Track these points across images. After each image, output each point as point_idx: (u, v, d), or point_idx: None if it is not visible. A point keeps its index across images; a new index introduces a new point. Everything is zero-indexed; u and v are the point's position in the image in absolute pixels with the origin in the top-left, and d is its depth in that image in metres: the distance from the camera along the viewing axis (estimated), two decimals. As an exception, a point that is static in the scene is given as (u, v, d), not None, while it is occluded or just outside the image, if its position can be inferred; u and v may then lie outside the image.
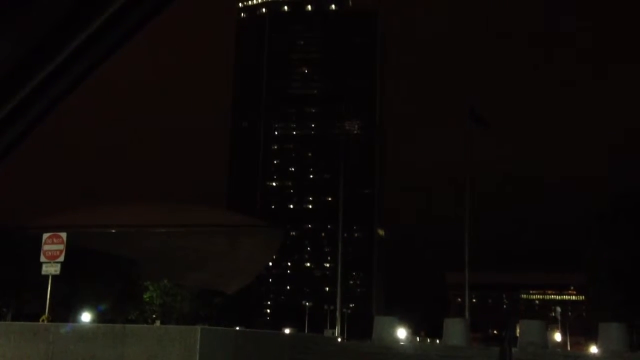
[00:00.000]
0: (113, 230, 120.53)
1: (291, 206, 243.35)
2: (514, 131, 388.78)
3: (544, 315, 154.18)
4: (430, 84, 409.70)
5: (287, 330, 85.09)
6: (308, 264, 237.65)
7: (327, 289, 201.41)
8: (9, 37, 2.12)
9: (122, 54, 2.58)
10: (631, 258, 61.14)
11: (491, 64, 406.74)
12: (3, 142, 2.42)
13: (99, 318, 69.18)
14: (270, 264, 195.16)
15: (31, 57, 2.21)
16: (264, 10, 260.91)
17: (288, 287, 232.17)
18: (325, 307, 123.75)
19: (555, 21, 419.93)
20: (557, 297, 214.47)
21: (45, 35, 2.17)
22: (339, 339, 49.68)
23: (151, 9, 2.38)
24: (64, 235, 28.31)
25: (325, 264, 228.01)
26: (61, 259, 27.39)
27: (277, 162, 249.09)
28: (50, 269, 27.50)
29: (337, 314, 57.08)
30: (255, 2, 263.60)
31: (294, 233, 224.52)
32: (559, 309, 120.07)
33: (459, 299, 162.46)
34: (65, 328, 21.41)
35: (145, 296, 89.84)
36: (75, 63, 2.31)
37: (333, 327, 73.25)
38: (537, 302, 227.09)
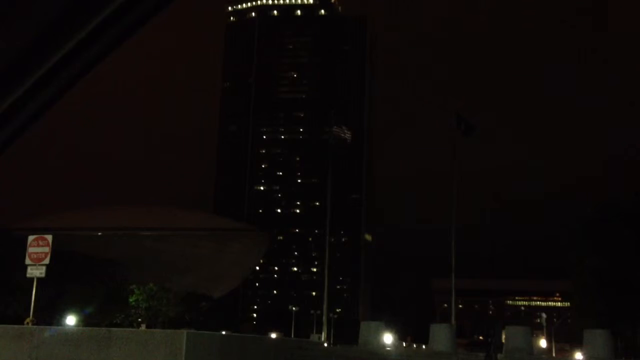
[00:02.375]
0: (99, 233, 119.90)
1: (278, 210, 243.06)
2: (505, 136, 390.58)
3: (529, 321, 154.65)
4: (420, 88, 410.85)
5: (273, 335, 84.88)
6: (295, 269, 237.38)
7: (313, 293, 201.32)
8: (3, 37, 2.16)
9: (111, 56, 2.58)
10: (616, 265, 61.51)
11: (486, 67, 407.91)
12: None
13: (84, 321, 68.75)
14: (257, 268, 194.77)
15: (24, 58, 2.21)
16: (253, 14, 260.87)
17: (275, 292, 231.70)
18: (312, 311, 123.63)
19: (554, 21, 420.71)
20: (543, 304, 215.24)
21: (39, 36, 2.18)
22: (325, 344, 49.61)
23: (144, 13, 2.39)
24: (49, 237, 28.01)
25: (312, 269, 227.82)
26: (46, 261, 27.07)
27: (264, 166, 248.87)
28: (35, 271, 27.17)
29: (324, 318, 57.07)
30: (244, 6, 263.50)
31: (281, 237, 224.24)
32: (544, 315, 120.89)
33: (445, 305, 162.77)
34: (50, 331, 21.24)
35: (131, 300, 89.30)
36: (68, 65, 2.32)
37: (319, 331, 73.13)
38: (522, 308, 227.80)
